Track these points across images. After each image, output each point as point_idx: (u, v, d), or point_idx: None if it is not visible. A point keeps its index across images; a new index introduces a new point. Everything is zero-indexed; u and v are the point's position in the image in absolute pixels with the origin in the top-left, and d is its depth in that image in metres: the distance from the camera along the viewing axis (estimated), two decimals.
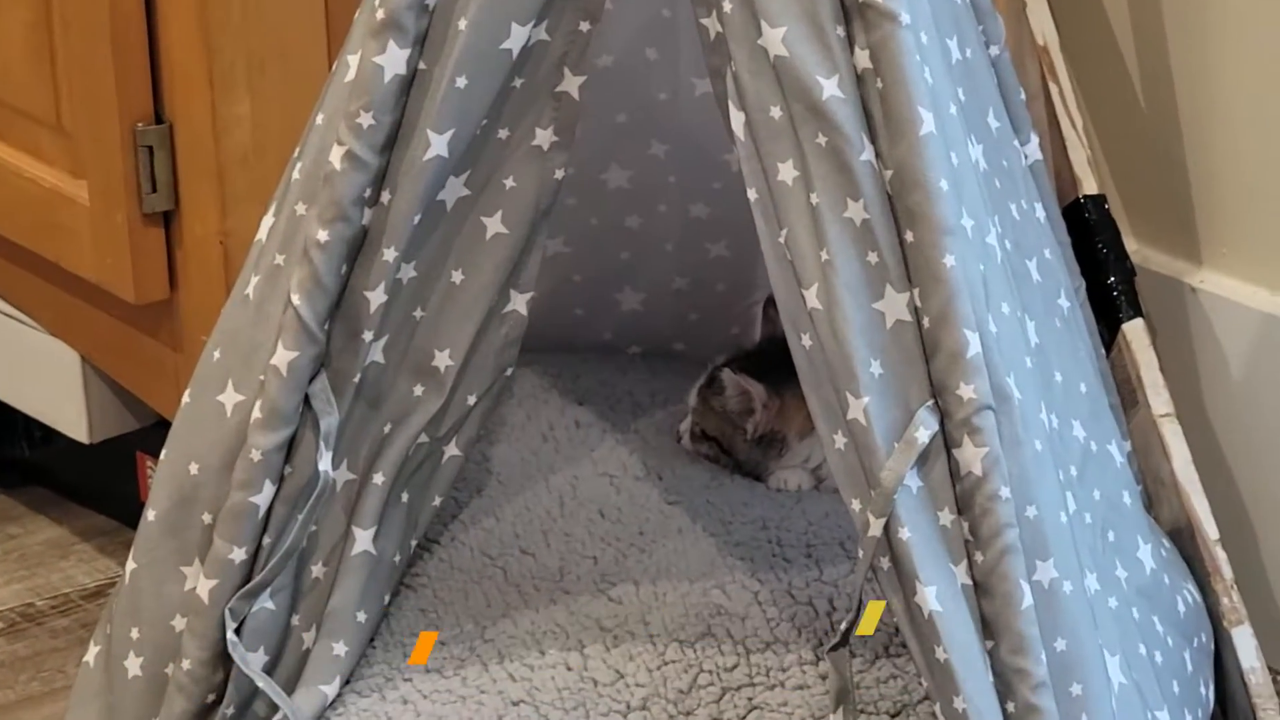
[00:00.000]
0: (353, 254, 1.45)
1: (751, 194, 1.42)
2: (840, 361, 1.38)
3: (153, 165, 1.81)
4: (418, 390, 1.52)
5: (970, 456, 1.36)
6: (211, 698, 1.48)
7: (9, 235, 1.95)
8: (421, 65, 1.43)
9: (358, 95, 1.43)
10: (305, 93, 1.62)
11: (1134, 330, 1.74)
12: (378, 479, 1.51)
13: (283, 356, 1.44)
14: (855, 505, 1.39)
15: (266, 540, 1.47)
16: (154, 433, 1.88)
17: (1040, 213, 1.57)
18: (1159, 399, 1.74)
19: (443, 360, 1.51)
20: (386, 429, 1.51)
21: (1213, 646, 1.69)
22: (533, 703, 1.50)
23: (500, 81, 1.45)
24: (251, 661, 1.46)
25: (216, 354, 1.52)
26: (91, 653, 1.58)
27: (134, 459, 1.96)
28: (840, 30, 1.38)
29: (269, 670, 1.48)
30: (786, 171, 1.39)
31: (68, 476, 2.09)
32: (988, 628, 1.38)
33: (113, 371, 1.93)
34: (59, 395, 1.98)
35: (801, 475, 1.71)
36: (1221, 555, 1.71)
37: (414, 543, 1.59)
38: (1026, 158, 1.57)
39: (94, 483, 2.07)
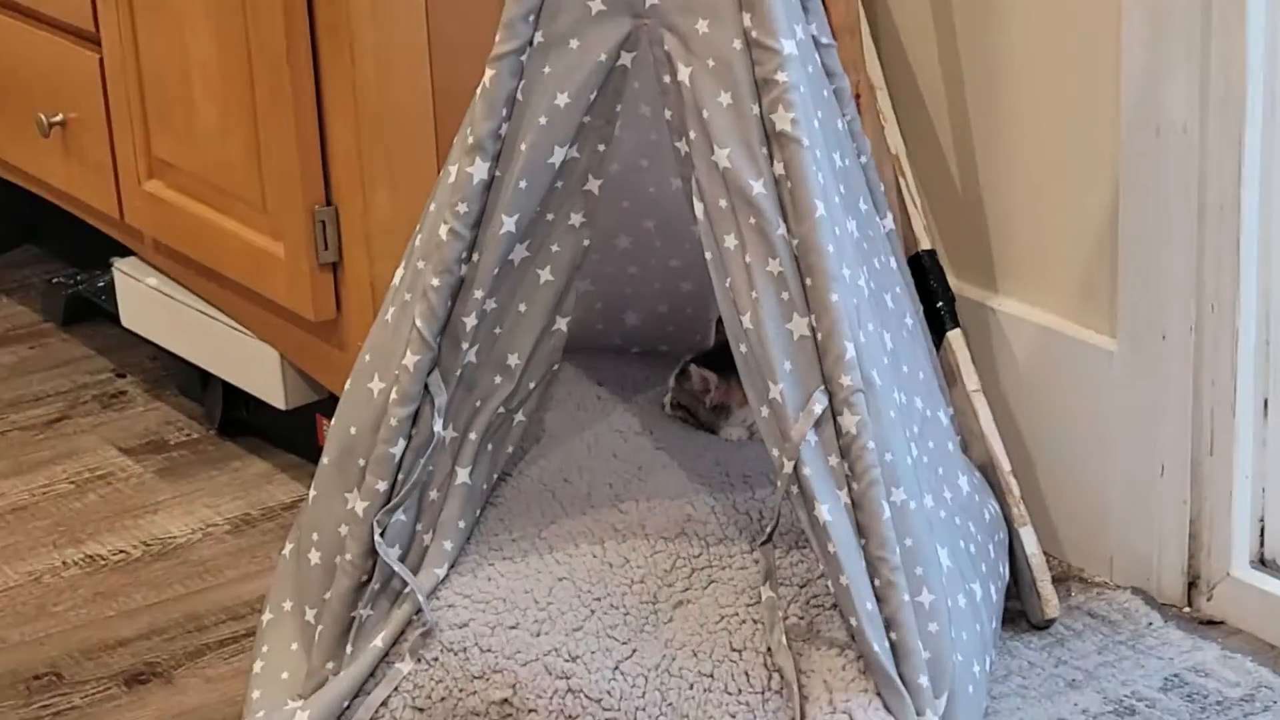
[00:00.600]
0: (455, 293, 1.45)
1: (708, 255, 1.43)
2: (765, 361, 1.39)
3: (325, 233, 1.81)
4: (497, 379, 1.52)
5: (848, 421, 1.38)
6: (365, 578, 1.47)
7: (234, 276, 1.95)
8: (497, 173, 1.44)
9: (456, 191, 1.44)
10: (422, 188, 1.61)
11: (955, 337, 1.74)
12: (472, 436, 1.51)
13: (410, 359, 1.45)
14: (775, 452, 1.41)
15: (400, 476, 1.47)
16: (328, 403, 1.87)
17: (893, 263, 1.57)
18: (971, 379, 1.74)
19: (514, 360, 1.52)
20: (477, 404, 1.51)
21: (1007, 540, 1.69)
22: (571, 579, 1.51)
23: (548, 183, 1.45)
24: (390, 555, 1.46)
25: (367, 356, 1.52)
26: (287, 548, 1.59)
27: (315, 420, 1.95)
28: (764, 150, 1.39)
29: (401, 559, 1.48)
30: (730, 241, 1.40)
31: (273, 430, 2.08)
32: (861, 531, 1.39)
33: (300, 363, 1.93)
34: (267, 378, 1.97)
35: (741, 431, 1.71)
36: (1012, 481, 1.71)
37: (495, 476, 1.58)
38: (885, 228, 1.57)
39: (290, 434, 2.06)
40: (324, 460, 1.54)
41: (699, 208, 1.43)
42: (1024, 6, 1.72)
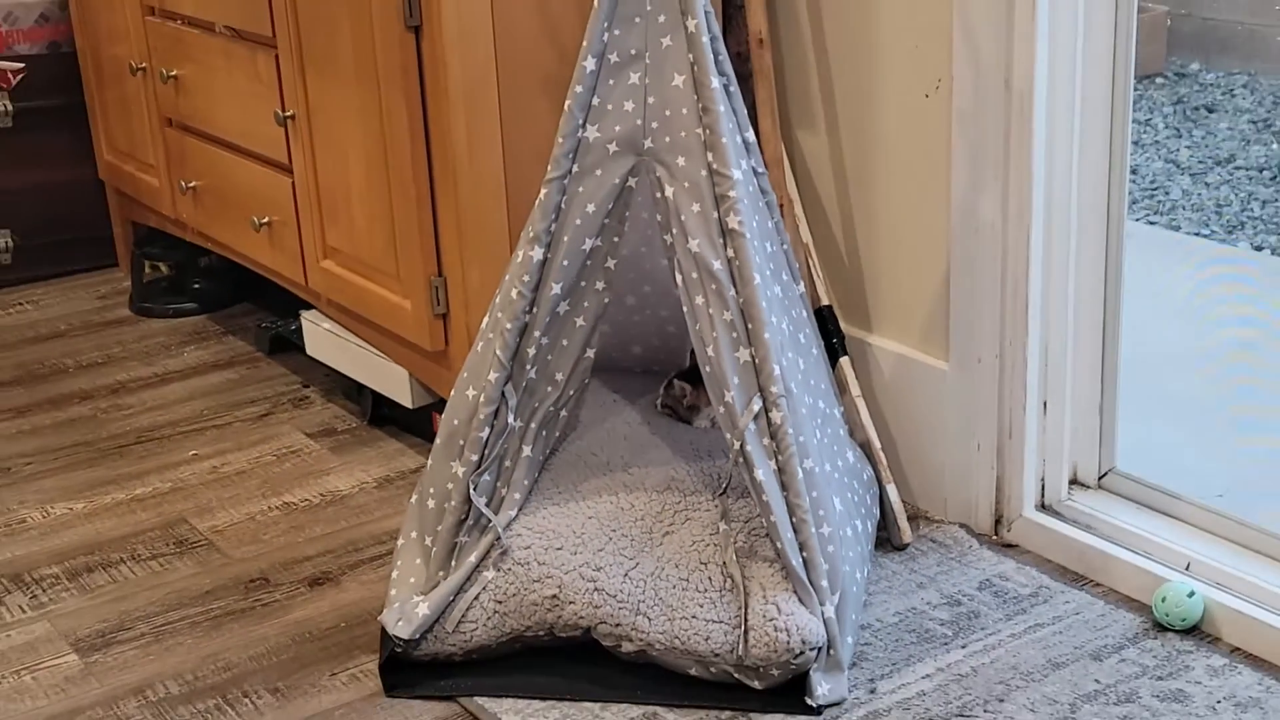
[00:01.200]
0: (521, 333, 1.44)
1: (685, 308, 1.42)
2: (721, 378, 1.38)
3: (438, 295, 1.80)
4: (549, 389, 1.50)
5: (775, 416, 1.37)
6: (463, 517, 1.47)
7: (379, 322, 1.93)
8: (548, 255, 1.43)
9: (522, 268, 1.43)
10: (500, 265, 1.61)
11: (845, 362, 1.73)
12: (533, 425, 1.50)
13: (492, 376, 1.44)
14: (728, 436, 1.40)
15: (486, 451, 1.46)
16: (439, 404, 1.85)
17: (804, 314, 1.55)
18: (855, 389, 1.73)
19: (559, 376, 1.50)
20: (536, 405, 1.50)
21: (878, 492, 1.69)
22: (597, 517, 1.50)
23: (581, 262, 1.45)
24: (480, 502, 1.46)
25: (465, 374, 1.51)
26: (414, 497, 1.57)
27: (431, 415, 1.93)
28: (721, 241, 1.38)
29: (487, 505, 1.47)
30: (699, 299, 1.39)
31: (404, 421, 2.06)
32: (784, 486, 1.39)
33: (421, 378, 1.91)
34: (400, 387, 1.95)
35: (707, 422, 1.68)
36: (881, 454, 1.71)
37: (548, 451, 1.56)
38: (799, 291, 1.55)
39: (415, 424, 2.04)
40: (437, 441, 1.53)
41: (679, 278, 1.43)
42: (890, 146, 1.72)
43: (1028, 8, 1.51)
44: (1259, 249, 2.73)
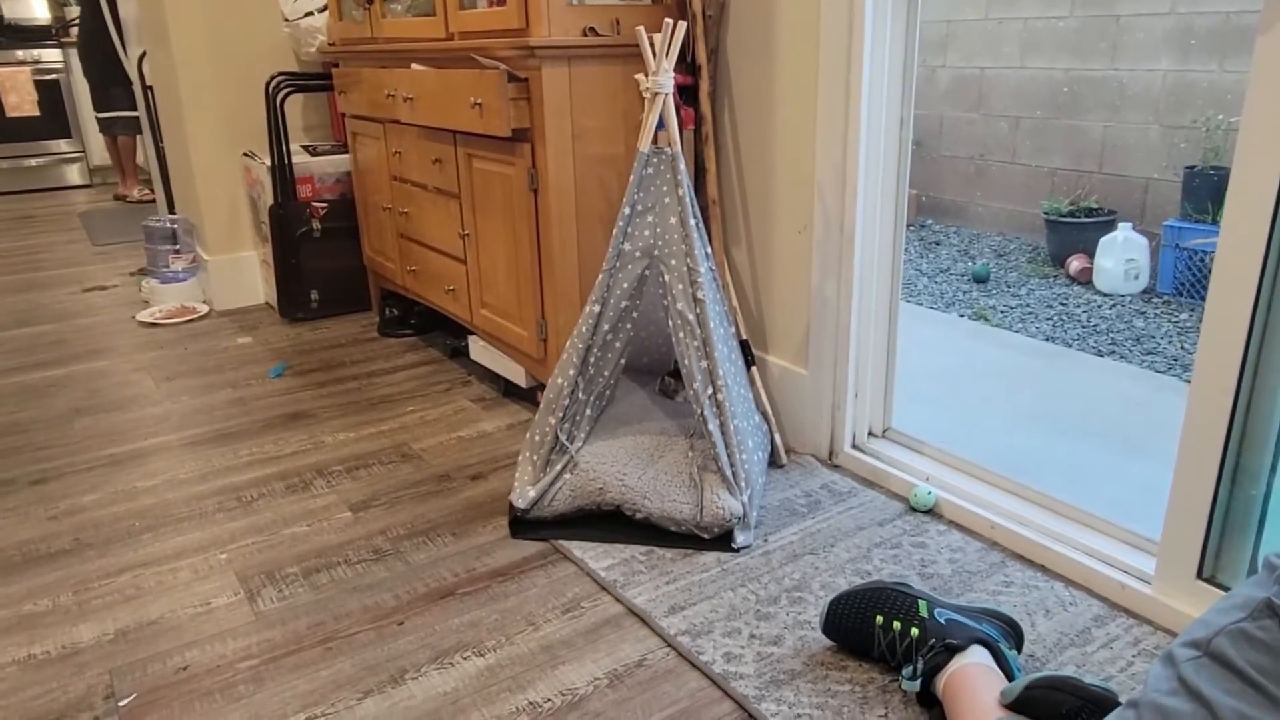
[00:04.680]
0: (587, 350, 1.39)
1: (674, 339, 1.36)
2: (691, 375, 1.34)
3: (541, 329, 1.74)
4: (600, 380, 1.45)
5: (720, 396, 1.33)
6: (553, 445, 1.43)
7: (509, 341, 1.87)
8: (602, 310, 1.38)
9: (588, 318, 1.38)
10: (577, 313, 1.56)
11: (754, 370, 1.68)
12: (591, 398, 1.45)
13: (570, 372, 1.40)
14: (696, 408, 1.36)
15: (567, 411, 1.42)
16: (540, 386, 1.81)
17: (734, 342, 1.48)
18: (759, 382, 1.67)
19: (606, 373, 1.45)
20: (593, 388, 1.45)
21: (770, 436, 1.64)
22: (624, 448, 1.46)
23: (619, 314, 1.39)
24: (563, 437, 1.42)
25: (556, 371, 1.45)
26: (528, 434, 1.49)
27: (535, 393, 1.88)
28: (693, 303, 1.33)
29: (569, 440, 1.43)
30: (682, 334, 1.33)
31: (522, 396, 2.00)
32: (723, 432, 1.34)
33: (531, 371, 1.85)
34: (519, 376, 1.90)
35: (683, 398, 1.64)
36: (772, 418, 1.66)
37: (599, 412, 1.50)
38: (732, 330, 1.47)
39: (528, 396, 1.98)
40: (540, 405, 1.47)
41: (671, 324, 1.40)
42: (780, 256, 1.67)
43: (852, 184, 1.49)
44: (961, 316, 2.73)
